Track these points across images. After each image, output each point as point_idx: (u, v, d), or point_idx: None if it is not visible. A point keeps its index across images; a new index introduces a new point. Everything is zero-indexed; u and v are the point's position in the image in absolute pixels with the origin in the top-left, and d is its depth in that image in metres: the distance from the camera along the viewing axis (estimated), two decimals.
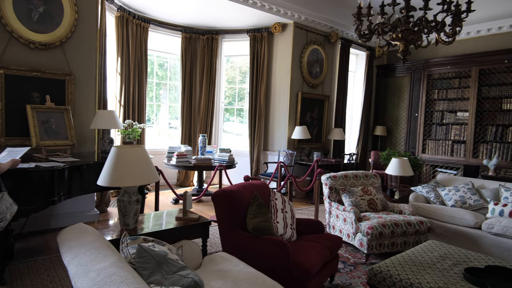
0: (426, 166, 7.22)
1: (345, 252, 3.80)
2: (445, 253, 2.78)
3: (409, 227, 3.55)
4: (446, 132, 7.06)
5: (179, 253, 2.12)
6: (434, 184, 4.61)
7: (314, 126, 7.09)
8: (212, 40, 7.04)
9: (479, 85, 6.54)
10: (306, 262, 2.47)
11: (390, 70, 8.05)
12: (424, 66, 7.35)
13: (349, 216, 3.71)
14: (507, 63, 6.19)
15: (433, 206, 4.21)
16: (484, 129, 6.51)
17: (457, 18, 2.69)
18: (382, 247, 3.49)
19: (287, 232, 2.91)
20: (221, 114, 7.49)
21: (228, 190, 2.82)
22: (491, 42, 6.67)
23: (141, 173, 2.22)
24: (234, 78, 7.67)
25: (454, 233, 3.88)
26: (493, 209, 3.83)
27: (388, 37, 2.93)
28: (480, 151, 6.54)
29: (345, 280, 3.12)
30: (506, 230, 3.50)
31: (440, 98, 7.18)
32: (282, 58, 6.70)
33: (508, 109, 6.23)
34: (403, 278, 2.36)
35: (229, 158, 5.70)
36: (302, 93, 6.76)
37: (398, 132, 7.94)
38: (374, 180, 4.38)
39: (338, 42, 7.24)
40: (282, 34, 6.66)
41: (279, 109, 6.80)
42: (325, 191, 4.18)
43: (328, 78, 7.27)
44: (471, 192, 4.20)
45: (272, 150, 6.91)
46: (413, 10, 2.73)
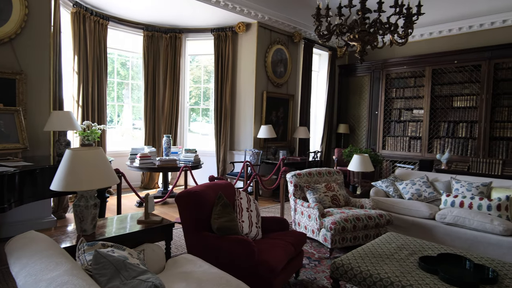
0: (386, 162, 7.56)
1: (310, 247, 3.88)
2: (402, 244, 2.92)
3: (370, 220, 3.69)
4: (403, 129, 7.42)
5: (141, 257, 2.07)
6: (392, 179, 4.83)
7: (279, 125, 7.18)
8: (175, 38, 6.92)
9: (432, 84, 6.93)
10: (271, 259, 2.50)
11: (351, 70, 8.33)
12: (382, 66, 7.68)
13: (313, 212, 3.79)
14: (456, 64, 6.62)
15: (392, 200, 4.41)
16: (438, 126, 6.92)
17: (408, 21, 2.85)
18: (345, 241, 3.61)
19: (252, 230, 2.92)
20: (186, 114, 7.38)
21: (192, 191, 2.79)
22: (442, 44, 7.09)
23: (98, 176, 2.13)
24: (199, 77, 7.58)
25: (411, 224, 4.09)
26: (445, 200, 4.08)
27: (346, 38, 3.03)
28: (434, 146, 6.95)
29: (310, 275, 3.19)
30: (457, 220, 3.75)
31: (397, 97, 7.53)
32: (247, 58, 6.72)
33: (458, 107, 6.66)
34: (363, 269, 2.45)
35: (195, 158, 5.63)
36: (267, 92, 6.82)
37: (360, 130, 8.24)
38: (337, 177, 4.51)
39: (301, 42, 7.38)
40: (246, 33, 6.68)
41: (244, 109, 6.82)
42: (290, 188, 4.25)
43: (293, 77, 7.39)
44: (426, 185, 4.45)
45: (239, 149, 6.91)
46: (368, 12, 2.85)
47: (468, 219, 3.67)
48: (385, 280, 2.32)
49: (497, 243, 3.48)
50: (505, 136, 6.09)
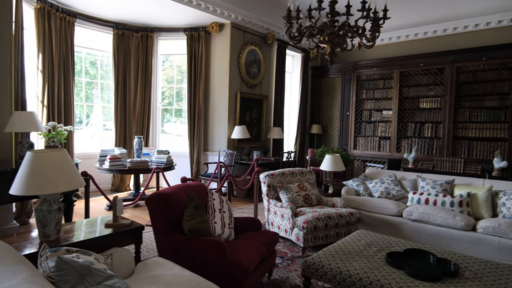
0: (357, 161, 7.76)
1: (283, 247, 3.92)
2: (371, 241, 3.01)
3: (341, 219, 3.78)
4: (373, 129, 7.65)
5: (108, 262, 2.00)
6: (363, 178, 4.97)
7: (253, 125, 7.20)
8: (147, 37, 6.77)
9: (400, 86, 7.20)
10: (244, 260, 2.50)
11: (324, 71, 8.49)
12: (353, 68, 7.88)
13: (286, 212, 3.83)
14: (422, 66, 6.90)
15: (362, 198, 4.53)
16: (405, 126, 7.19)
17: (375, 24, 2.95)
18: (317, 239, 3.67)
19: (225, 231, 2.91)
20: (158, 115, 7.24)
21: (163, 193, 2.74)
22: (409, 47, 7.38)
23: (61, 179, 2.04)
24: (173, 77, 7.47)
25: (380, 221, 4.22)
26: (412, 197, 4.25)
27: (317, 40, 3.10)
28: (402, 146, 7.21)
29: (283, 274, 3.21)
30: (422, 216, 3.91)
31: (368, 98, 7.75)
32: (220, 58, 6.69)
33: (424, 108, 6.95)
34: (334, 267, 2.50)
35: (168, 160, 5.54)
36: (241, 93, 6.82)
37: (332, 130, 8.41)
38: (310, 176, 4.58)
39: (275, 43, 7.44)
40: (220, 34, 6.65)
41: (218, 109, 6.78)
42: (264, 189, 4.27)
43: (266, 78, 7.43)
44: (394, 183, 4.61)
45: (212, 150, 6.87)
46: (337, 15, 2.92)
47: (432, 216, 3.83)
48: (354, 277, 2.38)
49: (459, 237, 3.65)
50: (467, 136, 6.42)
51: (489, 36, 6.40)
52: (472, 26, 6.56)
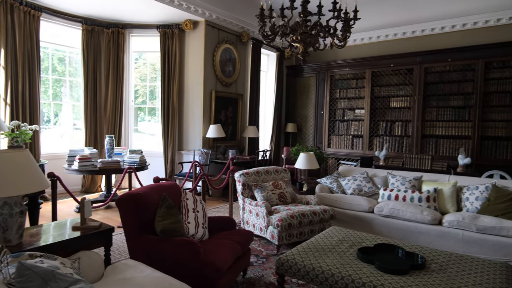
0: (331, 159, 7.91)
1: (258, 245, 3.93)
2: (343, 237, 3.07)
3: (315, 216, 3.83)
4: (347, 128, 7.82)
5: (75, 266, 1.93)
6: (336, 175, 5.06)
7: (229, 124, 7.17)
8: (118, 34, 6.58)
9: (372, 85, 7.39)
10: (217, 260, 2.48)
11: (298, 71, 8.57)
12: (327, 68, 8.02)
13: (261, 210, 3.84)
14: (392, 67, 7.12)
15: (335, 195, 4.62)
16: (377, 125, 7.40)
17: (346, 25, 3.01)
18: (292, 237, 3.71)
19: (198, 231, 2.88)
20: (131, 114, 7.06)
21: (134, 193, 2.68)
22: (380, 48, 7.59)
23: (23, 181, 1.95)
24: (147, 75, 7.29)
25: (352, 218, 4.32)
26: (383, 194, 4.38)
27: (290, 39, 3.12)
28: (374, 144, 7.42)
29: (258, 272, 3.22)
30: (392, 212, 4.03)
31: (341, 97, 7.91)
32: (195, 56, 6.61)
33: (395, 107, 7.18)
34: (307, 264, 2.54)
35: (141, 159, 5.41)
36: (216, 91, 6.77)
37: (307, 129, 8.52)
38: (284, 175, 4.62)
39: (250, 42, 7.43)
40: (194, 31, 6.57)
41: (193, 108, 6.70)
42: (239, 188, 4.26)
43: (241, 77, 7.42)
44: (366, 180, 4.73)
45: (187, 149, 6.78)
46: (310, 15, 2.95)
47: (402, 211, 3.96)
48: (326, 273, 2.42)
49: (426, 231, 3.80)
50: (434, 134, 6.70)
51: (454, 38, 6.70)
52: (438, 29, 6.84)
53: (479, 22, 6.41)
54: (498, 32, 6.28)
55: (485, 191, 3.89)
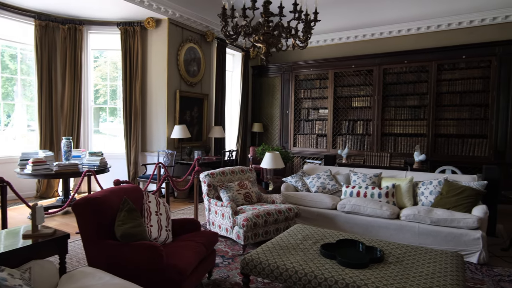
0: (297, 158, 8.04)
1: (224, 246, 3.91)
2: (307, 234, 3.13)
3: (280, 214, 3.88)
4: (311, 127, 7.99)
5: (25, 277, 1.82)
6: (301, 174, 5.16)
7: (194, 124, 7.07)
8: (75, 30, 6.27)
9: (335, 85, 7.61)
10: (181, 262, 2.44)
11: (264, 71, 8.64)
12: (292, 68, 8.14)
13: (226, 211, 3.82)
14: (354, 68, 7.37)
15: (300, 194, 4.70)
16: (340, 124, 7.63)
17: (307, 26, 3.07)
18: (257, 236, 3.73)
19: (161, 234, 2.81)
20: (91, 114, 6.75)
21: (92, 197, 2.56)
22: (342, 49, 7.83)
23: None
24: (108, 74, 7.00)
25: (317, 215, 4.42)
26: (345, 191, 4.51)
27: (252, 39, 3.13)
28: (337, 142, 7.64)
29: (223, 273, 3.20)
30: (354, 208, 4.17)
31: (306, 97, 8.07)
32: (158, 55, 6.45)
33: (356, 106, 7.43)
34: (271, 262, 2.56)
35: (101, 162, 5.20)
36: (181, 91, 6.65)
37: (273, 128, 8.60)
38: (250, 175, 4.63)
39: (215, 41, 7.38)
40: (157, 30, 6.41)
41: (156, 108, 6.54)
42: (204, 188, 4.22)
43: (206, 77, 7.35)
44: (329, 178, 4.85)
45: (151, 151, 6.60)
46: (271, 15, 2.98)
47: (363, 207, 4.11)
48: (290, 270, 2.46)
49: (385, 225, 3.97)
50: (393, 132, 7.02)
51: (410, 41, 7.06)
52: (395, 32, 7.17)
53: (432, 27, 6.80)
54: (448, 36, 6.69)
55: (438, 186, 4.13)
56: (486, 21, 6.33)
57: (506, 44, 5.99)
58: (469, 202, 3.83)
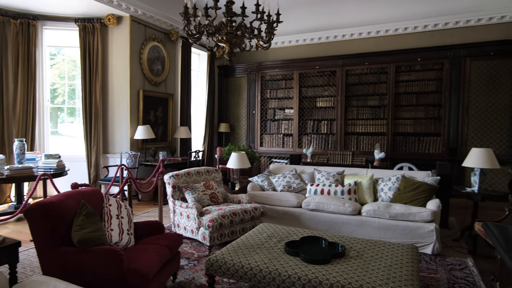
0: (264, 158, 8.10)
1: (190, 248, 3.86)
2: (272, 233, 3.17)
3: (246, 214, 3.89)
4: (278, 127, 8.09)
5: None
6: (267, 173, 5.20)
7: (159, 125, 6.92)
8: (28, 26, 5.90)
9: (300, 86, 7.75)
10: (143, 267, 2.38)
11: (230, 71, 8.62)
12: (258, 68, 8.19)
13: (191, 212, 3.78)
14: (318, 69, 7.55)
15: (266, 193, 4.75)
16: (305, 123, 7.78)
17: (270, 27, 3.11)
18: (223, 237, 3.71)
19: (123, 238, 2.73)
20: (47, 115, 6.39)
21: (46, 202, 2.43)
22: (306, 50, 7.99)
23: None
24: (68, 72, 6.65)
25: (282, 213, 4.48)
26: (310, 189, 4.61)
27: (216, 39, 3.12)
28: (303, 142, 7.79)
29: (189, 275, 3.16)
30: (318, 206, 4.28)
31: (272, 97, 8.16)
32: (120, 53, 6.24)
33: (320, 107, 7.62)
34: (236, 262, 2.56)
35: (58, 165, 4.94)
36: (144, 91, 6.47)
37: (240, 128, 8.61)
38: (216, 175, 4.60)
39: (179, 40, 7.25)
40: (118, 27, 6.19)
41: (119, 108, 6.32)
42: (169, 190, 4.14)
43: (171, 76, 7.21)
44: (294, 177, 4.94)
45: (114, 152, 6.37)
46: (234, 15, 2.98)
47: (326, 204, 4.23)
48: (255, 269, 2.47)
49: (348, 221, 4.11)
50: (355, 131, 7.27)
51: (370, 43, 7.34)
52: (356, 35, 7.43)
53: (390, 30, 7.11)
54: (405, 39, 7.04)
55: (396, 182, 4.34)
56: (439, 26, 6.72)
57: (457, 48, 6.40)
58: (424, 197, 4.05)
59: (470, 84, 6.35)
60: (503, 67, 6.15)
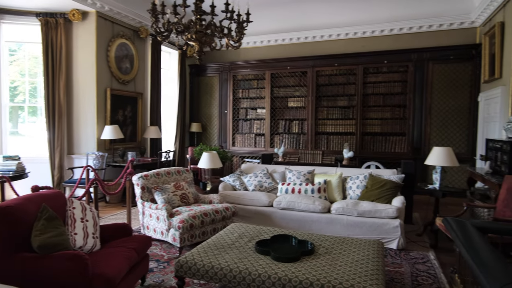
0: (236, 158, 8.09)
1: (160, 250, 3.78)
2: (243, 232, 3.17)
3: (217, 214, 3.87)
4: (250, 127, 8.11)
5: None
6: (239, 173, 5.20)
7: (127, 124, 6.72)
8: None
9: (272, 86, 7.81)
10: (109, 270, 2.31)
11: (202, 70, 8.53)
12: (230, 68, 8.17)
13: (161, 213, 3.71)
14: (289, 69, 7.64)
15: (237, 193, 4.74)
16: (277, 123, 7.85)
17: (240, 27, 3.11)
18: (194, 237, 3.67)
19: (88, 242, 2.63)
20: (5, 114, 6.03)
21: (2, 206, 2.30)
22: (278, 51, 8.06)
23: None
24: (30, 69, 6.30)
25: (254, 213, 4.50)
26: (281, 188, 4.66)
27: (185, 37, 3.07)
28: (275, 141, 7.85)
29: (158, 278, 3.10)
30: (289, 204, 4.33)
31: (244, 97, 8.16)
32: (85, 50, 6.00)
33: (292, 107, 7.71)
34: (206, 262, 2.54)
35: (18, 167, 4.69)
36: (112, 89, 6.27)
37: (212, 128, 8.55)
38: (186, 175, 4.54)
39: (149, 38, 7.09)
40: (83, 23, 5.96)
41: (84, 107, 6.08)
42: (137, 191, 4.04)
43: (141, 75, 7.03)
44: (266, 176, 4.97)
45: (79, 153, 6.12)
46: (204, 14, 2.96)
47: (297, 203, 4.29)
48: (225, 269, 2.46)
49: (318, 219, 4.19)
50: (325, 131, 7.42)
51: (339, 45, 7.52)
52: (326, 36, 7.59)
53: (358, 33, 7.32)
54: (373, 42, 7.27)
55: (364, 180, 4.47)
56: (404, 30, 7.01)
57: (420, 52, 6.70)
58: (389, 194, 4.21)
59: (432, 86, 6.67)
60: (462, 71, 6.50)
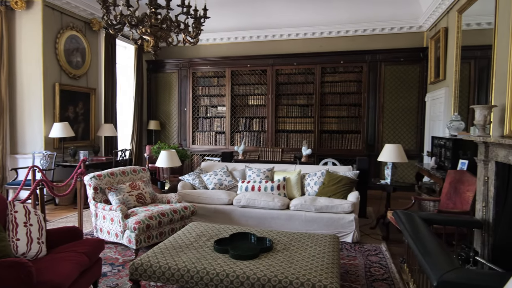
0: (196, 156, 7.97)
1: (114, 253, 3.62)
2: (202, 232, 3.13)
3: (175, 214, 3.78)
4: (210, 125, 8.02)
5: None
6: (198, 172, 5.12)
7: (79, 122, 6.35)
8: None
9: (232, 84, 7.77)
10: (56, 277, 2.16)
11: (160, 66, 8.28)
12: (189, 65, 8.01)
13: (116, 214, 3.55)
14: (249, 67, 7.65)
15: (197, 191, 4.67)
16: (238, 121, 7.84)
17: (197, 22, 3.05)
18: (151, 239, 3.56)
19: (32, 248, 2.45)
20: None
21: None
22: (239, 49, 8.03)
23: None
24: None
25: (214, 211, 4.45)
26: (241, 186, 4.66)
27: (139, 31, 2.95)
28: (236, 139, 7.84)
29: (112, 282, 2.97)
30: (249, 202, 4.34)
31: (204, 94, 8.05)
32: (30, 42, 5.57)
33: (252, 104, 7.74)
34: (162, 264, 2.47)
35: None
36: (61, 84, 5.89)
37: (171, 126, 8.34)
38: (143, 174, 4.39)
39: (102, 31, 6.74)
40: (28, 12, 5.53)
41: (29, 103, 5.65)
42: (90, 192, 3.84)
43: (93, 69, 6.67)
44: (226, 174, 4.94)
45: (24, 152, 5.69)
46: (159, 7, 2.86)
47: (257, 200, 4.31)
48: (182, 269, 2.41)
49: (277, 216, 4.24)
50: (285, 129, 7.54)
51: (298, 45, 7.66)
52: (286, 36, 7.69)
53: (316, 33, 7.50)
54: (330, 42, 7.49)
55: (321, 177, 4.60)
56: (359, 32, 7.29)
57: (373, 53, 7.02)
58: (345, 190, 4.37)
59: (384, 86, 7.02)
60: (411, 72, 6.91)
